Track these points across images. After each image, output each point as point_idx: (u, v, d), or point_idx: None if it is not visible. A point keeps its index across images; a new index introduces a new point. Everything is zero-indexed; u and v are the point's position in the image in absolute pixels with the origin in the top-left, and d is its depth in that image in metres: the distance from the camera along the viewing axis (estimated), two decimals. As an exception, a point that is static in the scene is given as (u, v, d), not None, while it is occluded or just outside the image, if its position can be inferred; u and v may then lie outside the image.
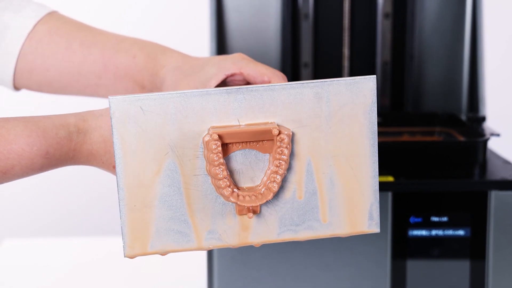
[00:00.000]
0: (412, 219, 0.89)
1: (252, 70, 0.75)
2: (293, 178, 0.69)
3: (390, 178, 0.89)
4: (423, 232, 0.89)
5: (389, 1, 1.11)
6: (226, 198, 0.67)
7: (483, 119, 1.05)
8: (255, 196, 0.68)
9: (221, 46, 1.12)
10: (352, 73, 1.13)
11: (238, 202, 0.67)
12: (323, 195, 0.70)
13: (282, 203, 0.69)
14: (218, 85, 0.76)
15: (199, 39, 1.44)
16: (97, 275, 1.18)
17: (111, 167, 0.72)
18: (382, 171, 0.91)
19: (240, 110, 0.66)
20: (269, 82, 0.74)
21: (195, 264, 1.16)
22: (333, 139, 0.68)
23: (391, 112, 1.14)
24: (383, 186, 0.88)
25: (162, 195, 0.68)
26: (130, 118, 0.65)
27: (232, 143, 0.67)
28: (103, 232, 1.81)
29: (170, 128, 0.66)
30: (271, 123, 0.67)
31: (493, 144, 1.08)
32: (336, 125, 0.67)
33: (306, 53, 1.12)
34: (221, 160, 0.66)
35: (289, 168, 0.68)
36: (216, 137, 0.65)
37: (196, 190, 0.68)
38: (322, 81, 0.65)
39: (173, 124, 0.66)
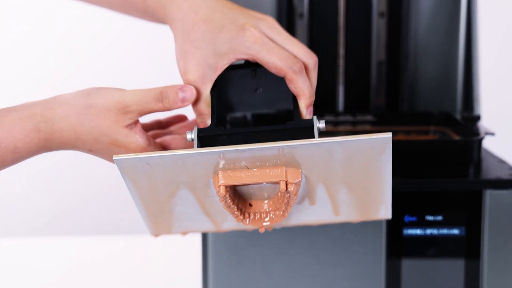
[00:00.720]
0: (407, 218, 0.89)
1: (266, 59, 0.69)
2: (305, 194, 0.70)
3: (385, 177, 0.90)
4: (418, 231, 0.89)
5: (384, 1, 1.11)
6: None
7: (478, 118, 1.05)
8: (266, 215, 0.69)
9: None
10: (347, 73, 1.13)
11: (250, 224, 0.69)
12: (335, 203, 0.71)
13: (295, 208, 0.70)
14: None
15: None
16: (93, 275, 1.18)
17: (86, 150, 0.72)
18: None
19: (248, 160, 0.65)
20: (285, 75, 0.69)
21: (190, 264, 1.16)
22: (346, 174, 0.67)
23: (386, 111, 1.14)
24: (378, 185, 0.88)
25: (179, 209, 0.70)
26: (138, 170, 0.66)
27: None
28: (101, 231, 1.81)
29: (178, 173, 0.66)
30: (280, 170, 0.65)
31: (488, 143, 1.08)
32: (349, 166, 0.66)
33: (301, 53, 1.12)
34: (231, 203, 0.67)
35: (300, 190, 0.69)
36: (223, 192, 0.65)
37: (211, 204, 0.70)
38: (336, 141, 0.62)
39: (181, 171, 0.66)
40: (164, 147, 0.74)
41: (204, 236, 0.89)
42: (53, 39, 1.82)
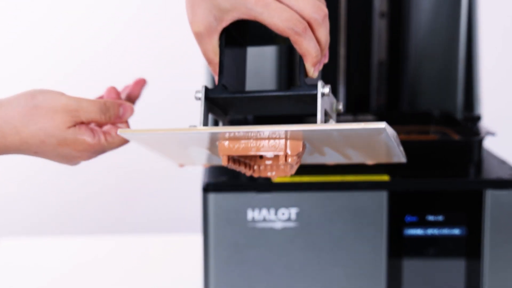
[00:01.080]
0: (408, 218, 0.89)
1: (267, 22, 0.67)
2: (313, 151, 0.71)
3: (386, 177, 0.90)
4: (419, 231, 0.89)
5: (385, 1, 1.11)
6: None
7: (478, 118, 1.05)
8: (276, 167, 0.70)
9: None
10: (348, 73, 1.13)
11: (261, 175, 0.70)
12: (345, 155, 0.74)
13: (307, 156, 0.71)
14: None
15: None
16: (94, 275, 1.18)
17: (31, 153, 0.72)
18: (377, 170, 0.91)
19: (251, 133, 0.66)
20: (288, 37, 0.68)
21: (191, 263, 1.16)
22: (348, 144, 0.68)
23: (387, 111, 1.14)
24: (378, 186, 0.88)
25: (195, 155, 0.75)
26: (144, 139, 0.69)
27: None
28: (101, 231, 1.81)
29: (184, 141, 0.69)
30: (280, 142, 0.66)
31: (488, 144, 1.08)
32: (349, 141, 0.67)
33: (301, 53, 1.12)
34: (236, 166, 0.69)
35: (306, 150, 0.70)
36: (226, 161, 0.67)
37: None
38: (331, 128, 0.63)
39: (187, 140, 0.68)
40: (105, 133, 0.76)
41: (206, 236, 0.89)
42: (53, 38, 1.81)
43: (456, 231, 0.89)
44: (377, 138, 0.65)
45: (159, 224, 1.82)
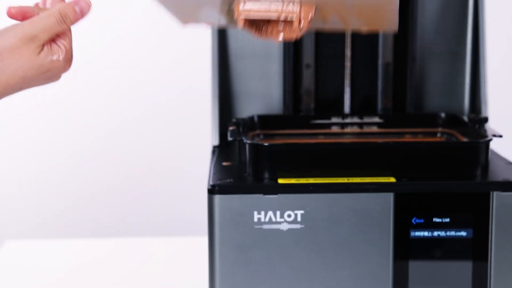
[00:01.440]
0: (414, 220, 0.89)
1: None
2: (319, 18, 0.73)
3: (392, 179, 0.89)
4: (425, 233, 0.89)
5: (391, 2, 1.11)
6: None
7: (485, 120, 1.05)
8: (284, 30, 0.74)
9: (223, 47, 1.12)
10: (354, 75, 1.13)
11: (268, 37, 0.74)
12: (346, 23, 0.76)
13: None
14: None
15: (199, 39, 1.44)
16: (98, 277, 1.18)
17: (16, 91, 0.73)
18: (383, 172, 0.91)
19: None
20: None
21: (197, 266, 1.16)
22: (355, 10, 0.72)
23: (393, 113, 1.14)
24: (384, 187, 0.88)
25: (206, 15, 0.77)
26: None
27: None
28: (104, 233, 1.81)
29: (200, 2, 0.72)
30: (294, 7, 0.71)
31: (495, 145, 1.08)
32: (359, 6, 0.71)
33: (307, 54, 1.12)
34: (249, 29, 0.73)
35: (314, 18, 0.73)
36: (241, 24, 0.71)
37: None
38: None
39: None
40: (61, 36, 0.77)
41: (211, 238, 0.89)
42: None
43: (463, 233, 0.89)
44: (388, 5, 0.68)
45: (162, 226, 1.82)
